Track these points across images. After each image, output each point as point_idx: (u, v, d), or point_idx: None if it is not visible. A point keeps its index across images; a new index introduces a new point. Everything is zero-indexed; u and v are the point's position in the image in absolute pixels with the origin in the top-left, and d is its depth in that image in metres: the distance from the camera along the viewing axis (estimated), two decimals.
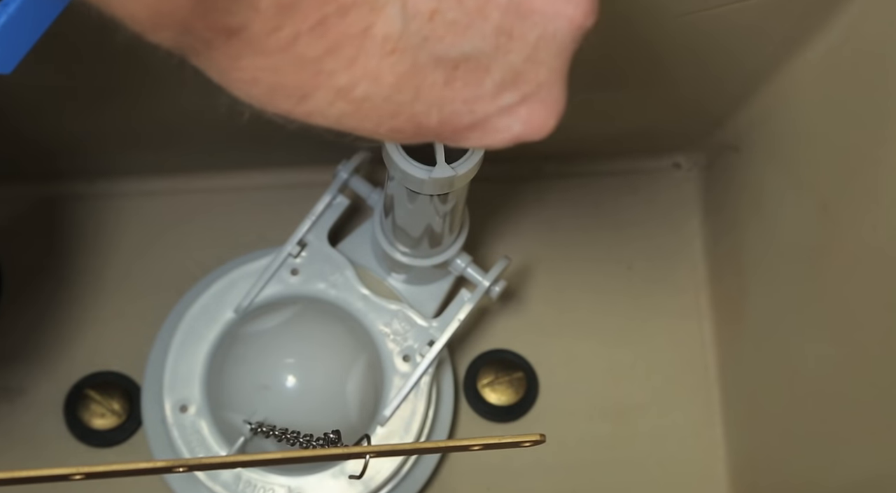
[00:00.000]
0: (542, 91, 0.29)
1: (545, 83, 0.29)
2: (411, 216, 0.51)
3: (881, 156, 0.50)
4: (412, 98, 0.27)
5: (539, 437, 0.34)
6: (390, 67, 0.26)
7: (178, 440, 0.58)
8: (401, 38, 0.26)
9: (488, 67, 0.27)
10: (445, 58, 0.27)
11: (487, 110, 0.28)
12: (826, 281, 0.55)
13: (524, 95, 0.28)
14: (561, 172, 0.70)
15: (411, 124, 0.28)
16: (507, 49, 0.27)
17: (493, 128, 0.29)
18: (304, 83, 0.26)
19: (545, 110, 0.29)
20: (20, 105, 0.56)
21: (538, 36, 0.27)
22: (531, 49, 0.28)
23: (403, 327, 0.59)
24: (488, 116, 0.28)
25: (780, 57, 0.57)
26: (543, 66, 0.28)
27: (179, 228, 0.68)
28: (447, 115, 0.28)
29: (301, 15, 0.24)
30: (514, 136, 0.29)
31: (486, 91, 0.28)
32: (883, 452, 0.51)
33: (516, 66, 0.28)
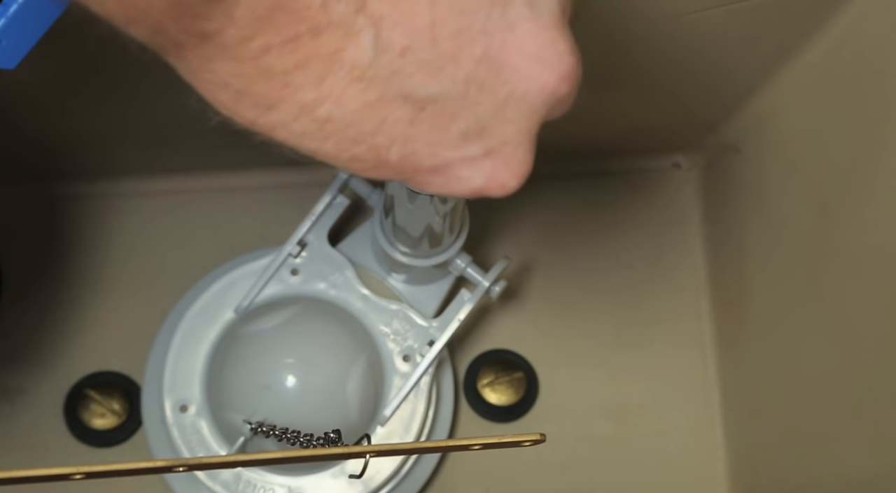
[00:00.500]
0: (506, 149, 0.29)
1: (510, 142, 0.29)
2: (411, 216, 0.51)
3: (881, 156, 0.50)
4: (375, 129, 0.27)
5: (539, 437, 0.34)
6: (356, 94, 0.26)
7: (178, 439, 0.58)
8: (369, 67, 0.26)
9: (454, 115, 0.27)
10: (412, 96, 0.27)
11: (450, 157, 0.28)
12: (826, 281, 0.55)
13: (488, 150, 0.28)
14: (561, 172, 0.70)
15: (372, 156, 0.28)
16: (476, 100, 0.27)
17: (454, 176, 0.29)
18: (271, 94, 0.26)
19: (507, 169, 0.29)
20: (20, 105, 0.56)
21: (508, 93, 0.27)
22: (500, 105, 0.28)
23: (403, 327, 0.59)
24: (450, 163, 0.28)
25: (781, 57, 0.57)
26: (511, 125, 0.28)
27: (179, 228, 0.68)
28: (409, 153, 0.28)
29: (274, 28, 0.24)
30: (475, 188, 0.29)
31: (451, 137, 0.28)
32: (883, 452, 0.51)
33: (483, 120, 0.28)
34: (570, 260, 0.70)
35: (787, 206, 0.59)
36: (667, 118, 0.66)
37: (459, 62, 0.26)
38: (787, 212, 0.59)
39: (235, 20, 0.24)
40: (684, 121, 0.67)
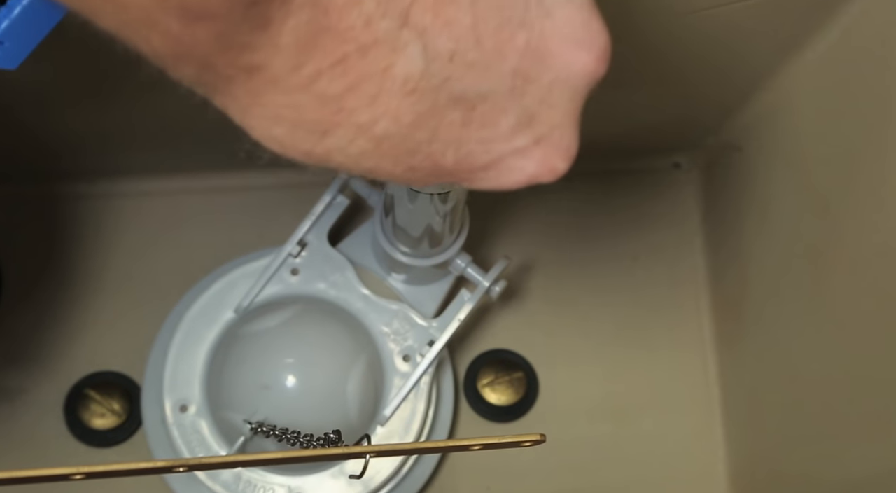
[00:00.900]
0: (555, 134, 0.29)
1: (558, 126, 0.29)
2: (412, 216, 0.51)
3: (882, 155, 0.50)
4: (430, 137, 0.27)
5: (539, 437, 0.34)
6: (410, 106, 0.26)
7: (178, 439, 0.58)
8: (421, 78, 0.26)
9: (505, 109, 0.28)
10: (464, 98, 0.27)
11: (502, 151, 0.29)
12: (827, 281, 0.55)
13: (538, 137, 0.29)
14: None
15: (428, 163, 0.28)
16: (523, 91, 0.28)
17: (507, 168, 0.29)
18: (326, 120, 0.26)
19: (557, 153, 0.30)
20: (20, 104, 0.56)
21: (552, 79, 0.28)
22: (546, 92, 0.28)
23: (403, 327, 0.59)
24: (503, 157, 0.29)
25: (781, 57, 0.57)
26: (557, 110, 0.29)
27: (179, 228, 0.68)
28: (463, 154, 0.28)
29: (321, 53, 0.24)
30: (528, 177, 0.30)
31: (502, 132, 0.28)
32: (883, 452, 0.51)
33: (531, 109, 0.28)
34: (570, 260, 0.70)
35: (788, 206, 0.59)
36: (667, 118, 0.66)
37: (505, 56, 0.27)
38: (788, 212, 0.59)
39: (282, 49, 0.24)
40: (684, 121, 0.67)
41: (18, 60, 0.33)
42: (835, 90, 0.54)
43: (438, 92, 0.26)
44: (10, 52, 0.32)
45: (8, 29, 0.31)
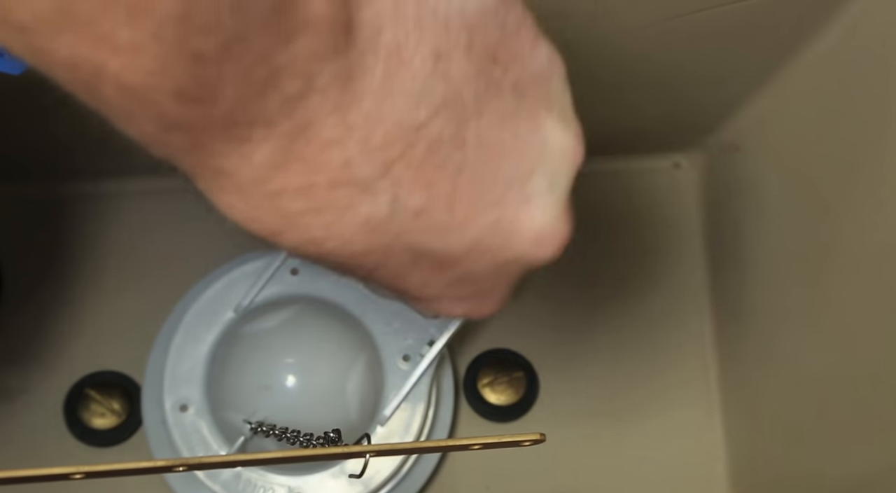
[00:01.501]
0: (494, 292, 0.31)
1: (497, 290, 0.31)
2: None
3: (882, 156, 0.50)
4: (376, 265, 0.28)
5: (539, 436, 0.34)
6: (363, 240, 0.27)
7: (178, 439, 0.58)
8: (382, 222, 0.26)
9: (453, 265, 0.29)
10: (418, 246, 0.28)
11: (439, 294, 0.30)
12: (827, 281, 0.55)
13: (476, 292, 0.31)
14: None
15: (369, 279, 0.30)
16: (476, 260, 0.29)
17: (438, 305, 0.31)
18: (279, 225, 0.27)
19: (489, 306, 0.32)
20: (20, 104, 0.56)
21: (510, 258, 0.29)
22: (498, 266, 0.30)
23: (403, 327, 0.59)
24: (438, 298, 0.31)
25: (780, 57, 0.57)
26: (502, 279, 0.31)
27: (179, 228, 0.68)
28: (401, 283, 0.30)
29: (290, 175, 0.25)
30: (457, 315, 0.32)
31: (443, 280, 0.30)
32: (883, 452, 0.51)
33: (478, 272, 0.30)
34: (570, 260, 0.69)
35: (788, 206, 0.59)
36: (667, 118, 0.66)
37: (471, 226, 0.28)
38: (788, 212, 0.59)
39: (253, 165, 0.24)
40: (684, 121, 0.67)
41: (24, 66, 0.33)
42: (835, 90, 0.54)
43: (396, 238, 0.27)
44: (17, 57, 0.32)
45: None
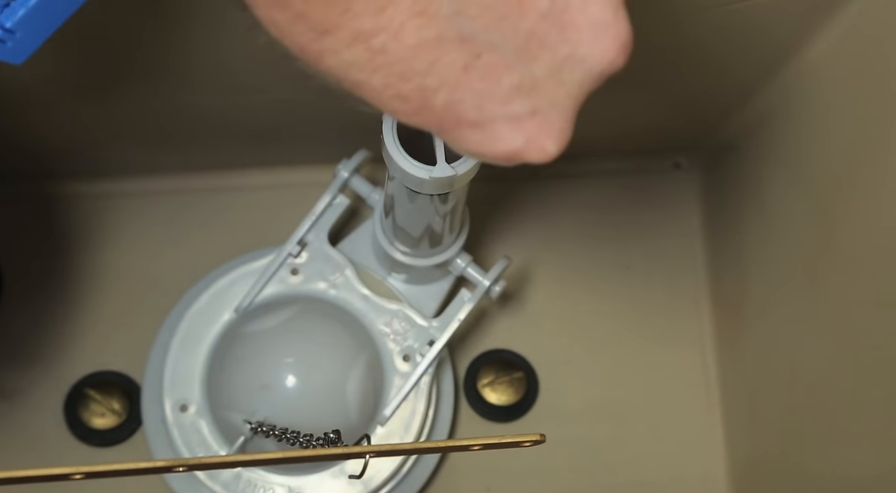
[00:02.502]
0: (553, 112, 0.28)
1: (559, 105, 0.28)
2: (411, 216, 0.51)
3: (881, 155, 0.50)
4: (426, 69, 0.26)
5: (539, 437, 0.34)
6: (415, 29, 0.25)
7: (177, 439, 0.58)
8: (433, 2, 0.25)
9: (510, 67, 0.27)
10: (471, 41, 0.26)
11: (495, 113, 0.27)
12: (827, 281, 0.55)
13: (535, 109, 0.28)
14: (561, 172, 0.70)
15: (417, 97, 0.27)
16: (534, 55, 0.27)
17: (495, 133, 0.28)
18: (329, 18, 0.25)
19: (550, 133, 0.28)
20: (20, 103, 0.56)
21: (568, 54, 0.27)
22: (557, 64, 0.27)
23: (403, 327, 0.59)
24: (494, 119, 0.28)
25: (780, 57, 0.57)
26: (563, 88, 0.28)
27: (179, 228, 0.68)
28: (455, 101, 0.27)
29: None
30: (514, 150, 0.28)
31: (500, 91, 0.27)
32: (883, 452, 0.51)
33: (537, 77, 0.27)
34: (570, 260, 0.70)
35: (787, 206, 0.59)
36: (667, 118, 0.66)
37: (525, 13, 0.26)
38: (787, 212, 0.59)
39: None
40: (684, 121, 0.67)
41: (25, 55, 0.32)
42: (834, 90, 0.54)
43: (447, 24, 0.25)
44: (20, 44, 0.32)
45: (23, 19, 0.31)
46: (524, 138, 0.28)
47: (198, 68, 0.54)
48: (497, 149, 0.28)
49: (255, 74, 0.54)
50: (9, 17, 0.31)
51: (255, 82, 0.56)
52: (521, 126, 0.28)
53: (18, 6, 0.31)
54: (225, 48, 0.52)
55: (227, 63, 0.53)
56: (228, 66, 0.54)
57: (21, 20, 0.31)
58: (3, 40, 0.31)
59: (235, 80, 0.56)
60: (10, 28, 0.31)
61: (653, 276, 0.70)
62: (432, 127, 0.28)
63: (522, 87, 0.27)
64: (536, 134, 0.28)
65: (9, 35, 0.31)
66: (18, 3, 0.31)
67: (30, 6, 0.31)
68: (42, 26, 0.32)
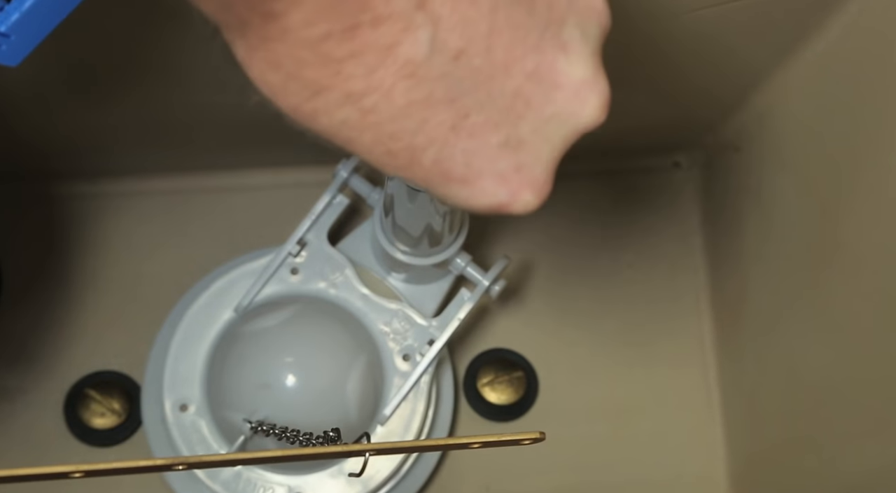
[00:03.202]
0: (537, 167, 0.29)
1: (542, 160, 0.29)
2: (411, 215, 0.51)
3: (881, 155, 0.50)
4: (416, 128, 0.27)
5: (538, 435, 0.34)
6: (405, 90, 0.26)
7: (178, 439, 0.58)
8: (422, 65, 0.26)
9: (497, 126, 0.28)
10: (459, 101, 0.27)
11: (482, 168, 0.28)
12: (826, 281, 0.55)
13: (520, 165, 0.29)
14: (561, 172, 0.70)
15: (407, 155, 0.28)
16: (520, 114, 0.28)
17: (480, 189, 0.29)
18: (321, 80, 0.26)
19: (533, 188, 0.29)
20: (20, 104, 0.56)
21: (554, 113, 0.28)
22: (543, 122, 0.28)
23: (403, 327, 0.59)
24: (480, 175, 0.29)
25: (780, 56, 0.57)
26: (547, 144, 0.29)
27: (179, 228, 0.68)
28: (444, 158, 0.28)
29: (338, 15, 0.25)
30: (498, 203, 0.29)
31: (488, 148, 0.28)
32: (883, 452, 0.51)
33: (523, 135, 0.28)
34: (570, 260, 0.70)
35: (787, 205, 0.59)
36: (667, 118, 0.66)
37: (511, 74, 0.27)
38: (787, 212, 0.59)
39: (302, 4, 0.25)
40: (684, 120, 0.67)
41: (21, 57, 0.33)
42: (834, 90, 0.54)
43: (436, 85, 0.26)
44: (15, 47, 0.32)
45: (17, 22, 0.31)
46: (508, 193, 0.29)
47: (197, 68, 0.54)
48: (483, 202, 0.29)
49: None
50: (3, 20, 0.31)
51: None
52: (506, 181, 0.29)
53: (12, 10, 0.31)
54: (225, 48, 0.51)
55: (227, 63, 0.53)
56: (228, 67, 0.54)
57: (15, 24, 0.31)
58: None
59: (235, 81, 0.55)
60: (5, 32, 0.31)
61: (653, 276, 0.70)
62: (420, 182, 0.29)
63: (509, 144, 0.28)
64: (520, 188, 0.29)
65: (3, 38, 0.31)
66: (12, 6, 0.31)
67: (24, 10, 0.31)
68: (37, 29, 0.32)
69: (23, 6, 0.31)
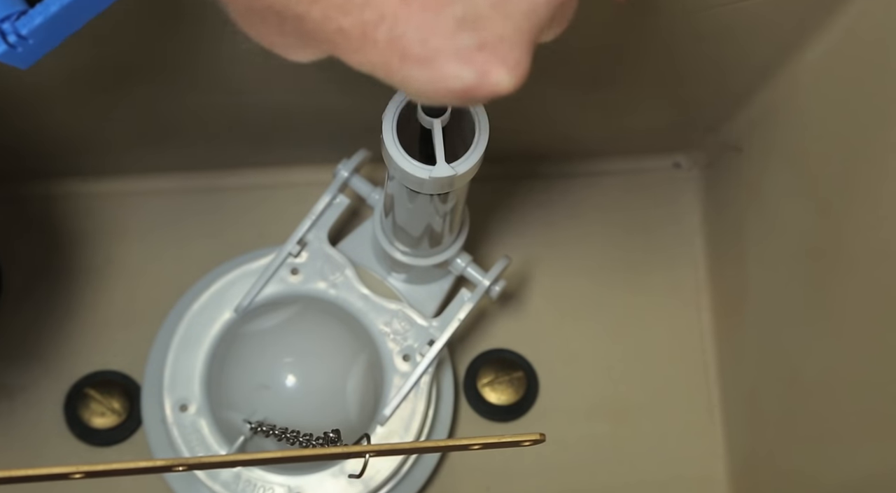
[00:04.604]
0: (502, 45, 0.27)
1: (507, 39, 0.27)
2: (411, 216, 0.51)
3: (882, 155, 0.50)
4: (365, 1, 0.26)
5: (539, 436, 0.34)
6: None
7: (177, 439, 0.58)
8: None
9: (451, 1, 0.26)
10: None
11: (441, 47, 0.26)
12: (826, 280, 0.55)
13: (482, 43, 0.27)
14: (561, 172, 0.70)
15: (358, 31, 0.26)
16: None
17: (444, 70, 0.27)
18: None
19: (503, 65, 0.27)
20: (21, 104, 0.56)
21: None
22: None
23: (403, 327, 0.59)
24: (440, 54, 0.27)
25: (781, 56, 0.57)
26: (509, 21, 0.27)
27: (179, 227, 0.68)
28: (397, 35, 0.26)
29: None
30: (466, 85, 0.27)
31: (443, 23, 0.26)
32: (883, 452, 0.51)
33: (479, 9, 0.26)
34: (570, 260, 0.70)
35: (788, 206, 0.59)
36: (667, 118, 0.66)
37: None
38: (788, 211, 0.59)
39: None
40: (684, 121, 0.67)
41: (33, 61, 0.32)
42: (834, 90, 0.54)
43: None
44: (30, 51, 0.32)
45: (39, 26, 0.31)
46: (475, 73, 0.27)
47: (198, 68, 0.54)
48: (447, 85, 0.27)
49: (255, 74, 0.54)
50: (26, 24, 0.31)
51: (256, 82, 0.56)
52: (469, 61, 0.27)
53: (37, 14, 0.31)
54: (225, 48, 0.52)
55: (227, 63, 0.53)
56: (229, 66, 0.54)
57: (37, 28, 0.31)
58: (15, 46, 0.31)
59: (236, 80, 0.56)
60: (25, 35, 0.31)
61: (652, 276, 0.70)
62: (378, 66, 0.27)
63: (466, 19, 0.26)
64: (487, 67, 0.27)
65: (21, 42, 0.31)
66: (37, 10, 0.31)
67: (49, 15, 0.31)
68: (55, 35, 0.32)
69: (48, 11, 0.31)
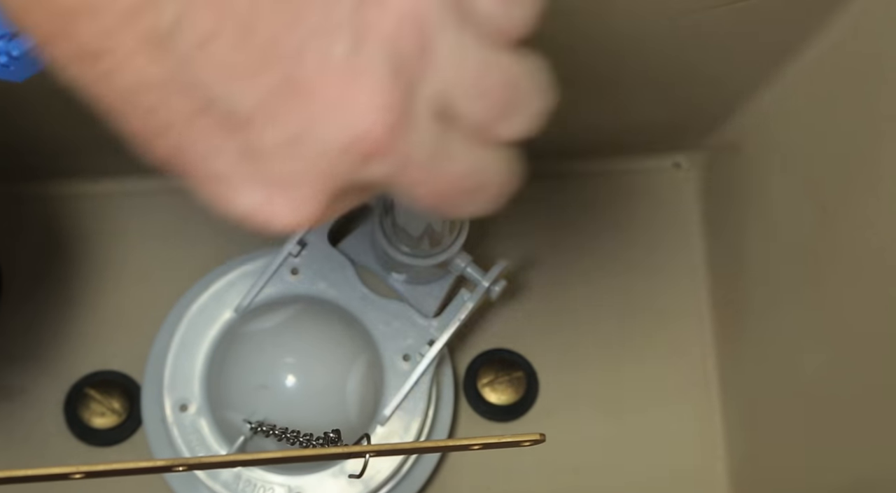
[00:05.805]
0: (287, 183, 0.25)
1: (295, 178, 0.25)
2: (411, 216, 0.51)
3: (882, 156, 0.50)
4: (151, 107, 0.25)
5: (539, 436, 0.34)
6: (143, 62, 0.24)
7: (178, 439, 0.58)
8: (164, 40, 0.23)
9: (242, 129, 0.24)
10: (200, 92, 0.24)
11: (222, 171, 0.25)
12: (826, 282, 0.55)
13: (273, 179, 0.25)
14: (561, 172, 0.70)
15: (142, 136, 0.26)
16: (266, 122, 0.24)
17: (223, 193, 0.26)
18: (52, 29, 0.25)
19: (286, 204, 0.25)
20: (20, 104, 0.56)
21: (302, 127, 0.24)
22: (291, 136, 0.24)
23: (403, 327, 0.59)
24: (221, 178, 0.25)
25: (781, 56, 0.57)
26: (300, 162, 0.24)
27: (179, 227, 0.68)
28: (183, 147, 0.25)
29: None
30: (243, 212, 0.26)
31: (228, 150, 0.25)
32: (883, 452, 0.51)
33: (268, 144, 0.24)
34: (570, 260, 0.70)
35: (787, 206, 0.59)
36: (667, 118, 0.66)
37: (260, 77, 0.23)
38: (787, 212, 0.59)
39: None
40: (684, 121, 0.67)
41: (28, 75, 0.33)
42: (834, 91, 0.54)
43: (178, 67, 0.23)
44: (24, 67, 0.32)
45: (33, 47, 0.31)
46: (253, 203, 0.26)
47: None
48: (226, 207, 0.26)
49: None
50: (17, 46, 0.31)
51: None
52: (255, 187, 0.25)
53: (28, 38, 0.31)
54: None
55: None
56: None
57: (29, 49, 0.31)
58: (7, 65, 0.32)
59: None
60: (17, 56, 0.31)
61: (653, 276, 0.70)
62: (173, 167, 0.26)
63: (252, 150, 0.25)
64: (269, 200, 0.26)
65: (14, 61, 0.32)
66: None
67: None
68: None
69: None
